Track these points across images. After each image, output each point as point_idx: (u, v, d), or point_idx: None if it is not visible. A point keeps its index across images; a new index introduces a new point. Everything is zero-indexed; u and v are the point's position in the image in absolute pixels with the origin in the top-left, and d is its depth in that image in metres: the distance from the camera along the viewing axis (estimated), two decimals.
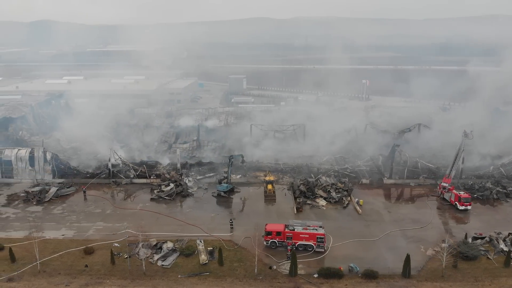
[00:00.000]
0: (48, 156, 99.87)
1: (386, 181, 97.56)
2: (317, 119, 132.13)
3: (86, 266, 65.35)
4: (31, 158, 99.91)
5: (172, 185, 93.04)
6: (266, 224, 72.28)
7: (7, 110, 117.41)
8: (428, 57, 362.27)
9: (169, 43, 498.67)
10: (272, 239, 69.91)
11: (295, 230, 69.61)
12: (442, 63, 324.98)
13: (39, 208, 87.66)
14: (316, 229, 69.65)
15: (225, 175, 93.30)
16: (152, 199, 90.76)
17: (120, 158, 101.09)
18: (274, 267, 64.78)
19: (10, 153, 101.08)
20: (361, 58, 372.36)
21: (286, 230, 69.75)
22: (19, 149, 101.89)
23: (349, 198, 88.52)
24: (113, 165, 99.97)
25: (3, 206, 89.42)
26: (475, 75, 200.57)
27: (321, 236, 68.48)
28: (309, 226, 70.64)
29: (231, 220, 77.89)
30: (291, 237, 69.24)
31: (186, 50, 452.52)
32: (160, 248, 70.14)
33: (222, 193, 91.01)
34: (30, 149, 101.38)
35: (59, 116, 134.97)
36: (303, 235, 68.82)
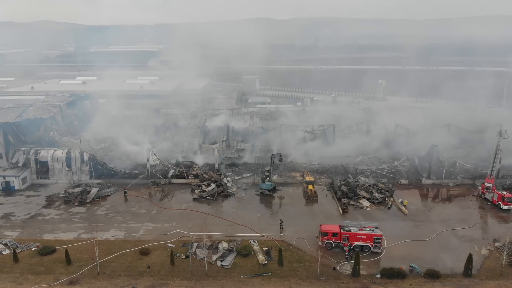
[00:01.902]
0: (86, 157, 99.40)
1: (425, 181, 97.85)
2: (345, 119, 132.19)
3: (148, 267, 65.06)
4: (68, 159, 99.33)
5: (213, 185, 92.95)
6: (320, 225, 72.27)
7: (37, 111, 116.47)
8: (432, 58, 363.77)
9: (171, 43, 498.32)
10: (328, 239, 69.84)
11: (351, 231, 69.60)
12: (448, 63, 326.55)
13: (82, 209, 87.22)
14: (372, 230, 69.71)
15: (267, 173, 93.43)
16: (194, 199, 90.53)
17: (158, 159, 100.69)
18: (338, 267, 64.79)
19: (46, 154, 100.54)
20: (365, 58, 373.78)
21: (343, 231, 69.71)
22: (55, 150, 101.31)
23: (391, 199, 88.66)
24: (150, 166, 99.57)
25: (44, 207, 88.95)
26: (487, 75, 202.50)
27: (379, 237, 68.55)
28: (364, 227, 70.67)
29: (280, 220, 77.78)
30: (347, 238, 69.25)
31: (189, 51, 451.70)
32: (216, 248, 69.98)
33: (266, 191, 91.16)
34: (67, 150, 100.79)
35: (86, 116, 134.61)
36: (360, 236, 68.89)
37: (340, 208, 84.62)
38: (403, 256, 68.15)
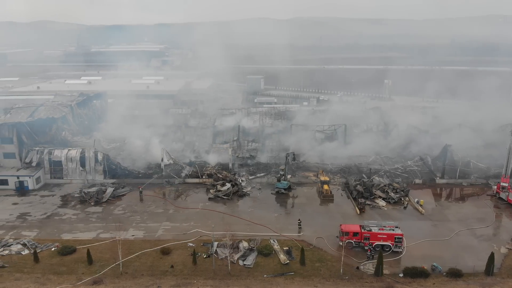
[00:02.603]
0: (100, 157, 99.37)
1: (439, 181, 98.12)
2: (355, 119, 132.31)
3: (172, 266, 65.06)
4: (82, 159, 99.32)
5: (228, 184, 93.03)
6: (341, 225, 72.36)
7: (48, 110, 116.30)
8: (434, 57, 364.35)
9: (172, 43, 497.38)
10: (348, 239, 69.92)
11: (372, 230, 69.79)
12: (451, 63, 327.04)
13: (98, 208, 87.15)
14: (393, 230, 69.92)
15: (282, 172, 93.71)
16: (210, 199, 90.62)
17: (173, 158, 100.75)
18: (362, 267, 64.94)
19: (60, 154, 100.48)
20: (367, 58, 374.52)
21: (363, 230, 69.90)
22: (69, 150, 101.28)
23: (407, 198, 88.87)
24: (165, 165, 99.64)
25: (60, 207, 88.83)
26: (491, 75, 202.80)
27: (400, 236, 68.76)
28: (385, 226, 70.85)
29: (299, 220, 77.84)
30: (368, 238, 69.42)
31: (190, 51, 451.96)
32: (237, 247, 69.99)
33: (282, 190, 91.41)
34: (81, 150, 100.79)
35: (95, 116, 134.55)
36: (381, 236, 69.06)
37: (357, 207, 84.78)
38: (424, 256, 68.27)
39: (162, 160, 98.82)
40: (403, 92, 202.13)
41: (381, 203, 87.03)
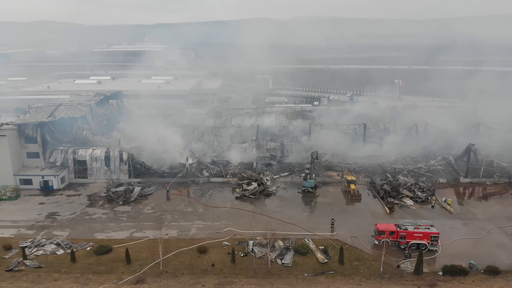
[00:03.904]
0: (125, 156, 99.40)
1: (463, 180, 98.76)
2: (371, 118, 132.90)
3: (213, 265, 65.22)
4: (107, 158, 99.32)
5: (254, 183, 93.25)
6: (376, 224, 72.79)
7: (68, 110, 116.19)
8: (436, 57, 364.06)
9: (172, 43, 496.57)
10: (385, 238, 70.27)
11: (408, 229, 70.27)
12: (454, 63, 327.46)
13: (127, 208, 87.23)
14: (428, 228, 70.41)
15: (307, 171, 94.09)
16: (237, 198, 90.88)
17: (197, 158, 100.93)
18: (402, 265, 65.37)
19: (84, 153, 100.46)
20: (370, 58, 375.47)
21: (399, 229, 70.37)
22: (93, 149, 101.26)
23: (434, 198, 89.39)
24: (189, 164, 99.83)
25: (88, 206, 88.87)
26: (496, 75, 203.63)
27: (436, 235, 69.24)
28: (420, 225, 71.33)
29: (332, 219, 78.08)
30: (404, 237, 69.88)
31: (192, 50, 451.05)
32: (273, 246, 70.20)
33: (309, 189, 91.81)
34: (105, 149, 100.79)
35: (113, 115, 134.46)
36: (417, 234, 69.53)
37: (385, 207, 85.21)
38: (459, 254, 68.69)
39: (187, 159, 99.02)
40: (409, 92, 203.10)
41: (409, 202, 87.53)
